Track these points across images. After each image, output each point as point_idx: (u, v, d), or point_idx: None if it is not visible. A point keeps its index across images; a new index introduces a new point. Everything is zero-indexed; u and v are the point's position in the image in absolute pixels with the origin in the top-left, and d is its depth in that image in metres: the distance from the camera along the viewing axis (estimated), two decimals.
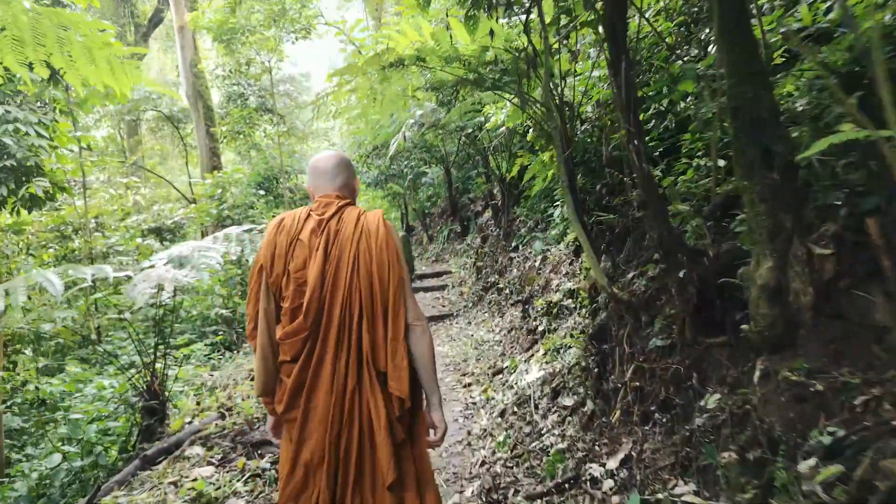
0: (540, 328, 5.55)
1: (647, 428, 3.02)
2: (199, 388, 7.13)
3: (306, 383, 1.94)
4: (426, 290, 11.74)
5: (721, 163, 3.75)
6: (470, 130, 8.40)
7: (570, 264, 5.78)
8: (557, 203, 7.07)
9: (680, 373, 2.85)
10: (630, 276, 3.52)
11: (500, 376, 5.51)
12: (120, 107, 16.49)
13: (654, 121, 4.92)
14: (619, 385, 3.35)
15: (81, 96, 9.19)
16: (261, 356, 2.03)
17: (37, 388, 7.45)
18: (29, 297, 5.99)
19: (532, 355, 5.28)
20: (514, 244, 8.29)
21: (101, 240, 10.58)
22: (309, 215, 2.06)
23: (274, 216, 15.99)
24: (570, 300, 5.32)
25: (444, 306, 10.39)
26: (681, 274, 2.63)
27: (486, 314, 8.35)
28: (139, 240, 9.87)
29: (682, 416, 2.81)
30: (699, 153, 4.11)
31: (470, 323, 8.87)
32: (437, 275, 12.74)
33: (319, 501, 1.86)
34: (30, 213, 8.08)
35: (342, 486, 1.88)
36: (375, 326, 1.94)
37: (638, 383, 3.18)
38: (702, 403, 2.65)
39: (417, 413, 2.04)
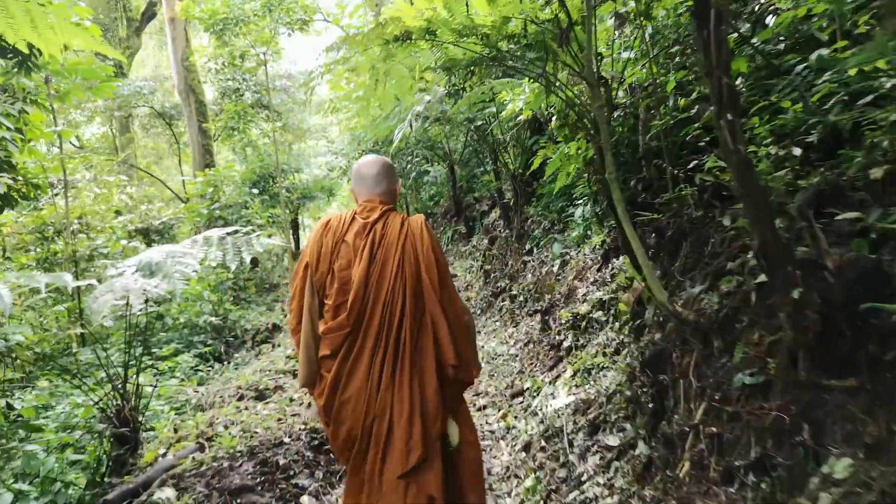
0: (565, 344, 4.87)
1: (732, 491, 2.34)
2: (182, 406, 6.44)
3: (343, 377, 2.07)
4: None
5: (797, 151, 3.08)
6: (480, 123, 7.72)
7: (598, 271, 5.11)
8: (579, 202, 6.39)
9: (783, 422, 2.16)
10: (696, 290, 2.84)
11: (521, 399, 4.83)
12: (110, 102, 15.81)
13: (696, 106, 4.24)
14: (687, 428, 2.66)
15: (62, 88, 8.51)
16: (304, 349, 2.15)
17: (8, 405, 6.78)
18: None
19: (558, 376, 4.60)
20: (527, 247, 7.61)
21: (86, 241, 9.90)
22: (354, 218, 2.17)
23: (270, 217, 15.32)
24: (600, 312, 4.65)
25: None
26: (795, 294, 1.93)
27: (498, 323, 7.67)
28: (124, 241, 9.19)
29: (790, 481, 2.11)
30: (766, 141, 3.44)
31: (480, 332, 8.18)
32: None
33: (351, 476, 2.09)
34: (0, 212, 7.42)
35: (370, 471, 2.03)
36: (428, 323, 2.05)
37: (714, 429, 2.50)
38: (824, 470, 1.95)
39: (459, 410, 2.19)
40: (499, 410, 4.83)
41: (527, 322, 6.61)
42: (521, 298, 7.11)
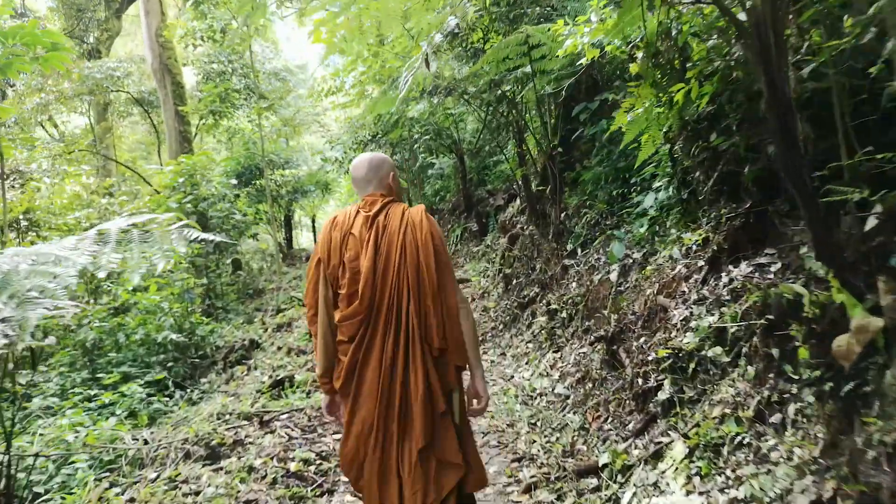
0: (661, 395, 3.20)
1: None
2: (117, 459, 4.78)
3: (359, 360, 2.17)
4: None
5: None
6: (506, 88, 6.04)
7: (704, 283, 3.44)
8: (655, 184, 4.74)
9: None
10: None
11: (594, 481, 3.17)
12: (79, 86, 14.16)
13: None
14: None
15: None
16: (322, 338, 2.27)
17: None
18: None
19: (658, 451, 2.94)
20: (570, 246, 5.94)
21: (37, 240, 8.25)
22: (358, 212, 2.29)
23: (257, 212, 13.65)
24: (718, 348, 2.98)
25: None
26: None
27: (530, 345, 6.01)
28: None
29: None
30: None
31: (504, 355, 6.52)
32: None
33: (368, 466, 2.14)
34: None
35: (389, 452, 2.12)
36: (425, 308, 2.14)
37: None
38: None
39: (460, 389, 2.25)
40: (557, 497, 3.17)
41: (576, 348, 4.94)
42: (564, 315, 5.44)
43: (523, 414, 4.53)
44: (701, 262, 3.52)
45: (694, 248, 3.69)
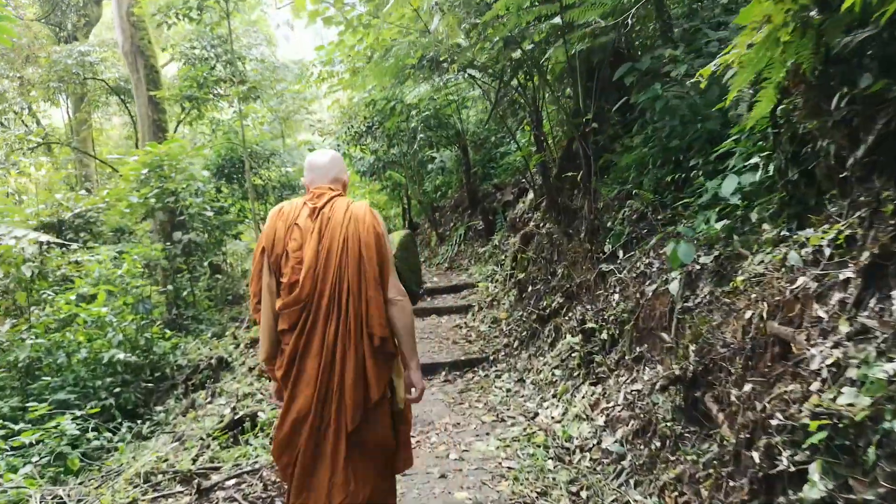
0: (810, 493, 1.97)
1: None
2: None
3: (300, 349, 2.17)
4: (440, 311, 8.17)
5: None
6: (529, 46, 4.76)
7: (856, 307, 2.21)
8: (732, 164, 3.55)
9: None
10: None
11: None
12: (45, 72, 12.92)
13: None
14: None
15: None
16: (265, 325, 2.27)
17: None
18: None
19: None
20: (608, 247, 4.71)
21: None
22: (304, 204, 2.33)
23: (241, 210, 12.43)
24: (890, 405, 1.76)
25: (469, 341, 6.82)
26: None
27: (557, 370, 4.78)
28: (13, 239, 6.25)
29: None
30: None
31: (523, 381, 5.30)
32: (455, 289, 9.16)
33: (302, 454, 2.16)
34: None
35: (324, 439, 2.15)
36: (366, 298, 2.18)
37: None
38: None
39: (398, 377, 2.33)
40: None
41: (626, 383, 3.72)
42: (605, 336, 4.21)
43: (559, 477, 3.30)
44: (847, 274, 2.30)
45: (828, 251, 2.46)
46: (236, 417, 4.35)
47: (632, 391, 3.58)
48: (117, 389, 6.04)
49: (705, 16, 4.59)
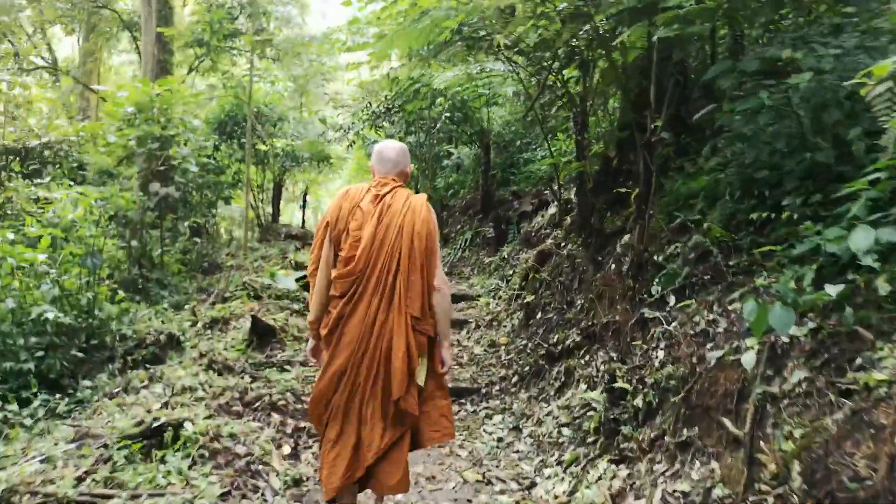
0: None
1: None
2: None
3: (346, 314, 2.47)
4: None
5: None
6: (600, 19, 3.77)
7: None
8: (837, 212, 2.63)
9: None
10: None
11: None
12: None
13: None
14: None
15: None
16: (318, 290, 2.58)
17: None
18: None
19: None
20: (655, 289, 3.76)
21: None
22: (369, 189, 2.60)
23: (236, 173, 11.48)
24: None
25: (460, 364, 5.86)
26: None
27: (566, 429, 3.83)
28: None
29: None
30: None
31: (518, 429, 4.36)
32: (452, 299, 8.17)
33: (339, 402, 2.46)
34: None
35: (358, 393, 2.45)
36: (409, 281, 2.46)
37: None
38: None
39: (435, 350, 2.61)
40: None
41: (666, 475, 2.78)
42: (640, 402, 3.27)
43: None
44: None
45: None
46: (155, 426, 3.41)
47: (675, 492, 2.64)
48: (40, 353, 5.09)
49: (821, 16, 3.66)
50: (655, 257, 3.94)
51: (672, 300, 3.58)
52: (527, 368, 5.16)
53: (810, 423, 2.18)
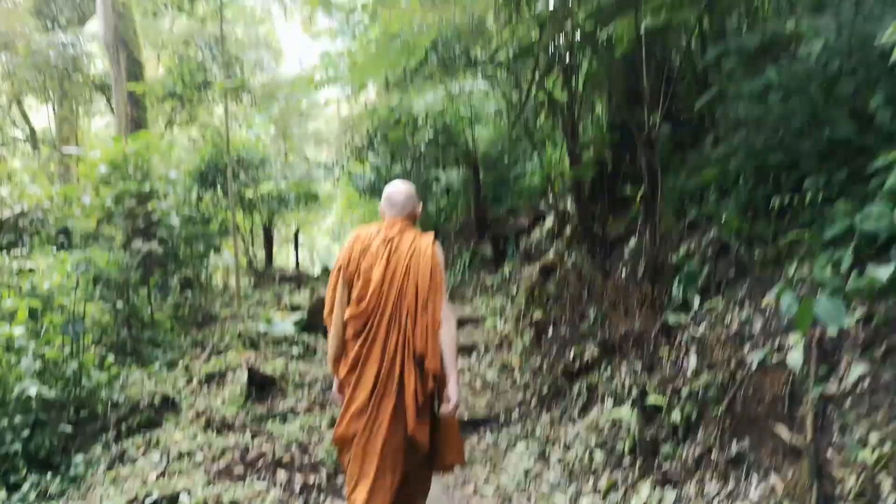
0: None
1: None
2: None
3: (363, 356, 2.56)
4: None
5: None
6: (583, 19, 3.57)
7: None
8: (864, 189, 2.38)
9: None
10: None
11: None
12: (18, 61, 11.86)
13: None
14: None
15: None
16: (335, 331, 2.68)
17: None
18: None
19: None
20: (677, 292, 3.49)
21: None
22: (379, 231, 2.71)
23: (222, 222, 11.21)
24: None
25: (474, 392, 5.55)
26: None
27: (599, 451, 3.52)
28: None
29: None
30: None
31: (545, 456, 4.04)
32: (458, 324, 7.89)
33: (356, 442, 2.54)
34: None
35: (377, 433, 2.51)
36: (417, 319, 2.56)
37: None
38: None
39: (443, 386, 2.64)
40: None
41: (721, 497, 2.48)
42: (677, 417, 2.97)
43: None
44: None
45: None
46: (150, 501, 3.09)
47: None
48: (27, 432, 4.76)
49: None
50: (670, 258, 3.68)
51: (696, 302, 3.32)
52: (545, 389, 4.86)
53: (887, 426, 1.90)
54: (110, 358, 5.99)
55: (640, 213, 4.18)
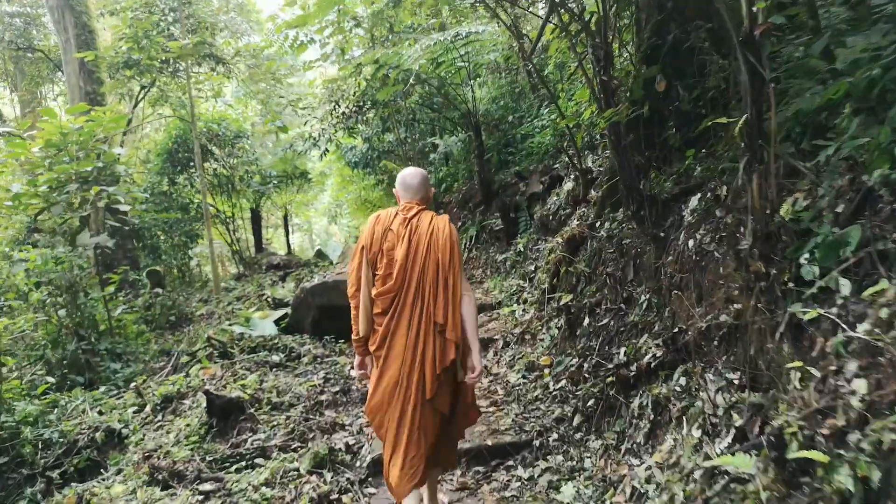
0: None
1: None
2: None
3: (391, 332, 2.72)
4: None
5: None
6: None
7: None
8: None
9: None
10: None
11: None
12: None
13: None
14: None
15: None
16: (363, 309, 2.81)
17: None
18: None
19: None
20: (809, 272, 2.29)
21: None
22: (397, 214, 2.85)
23: (198, 207, 9.91)
24: None
25: (496, 404, 4.40)
26: None
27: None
28: None
29: None
30: None
31: (604, 501, 2.93)
32: None
33: (389, 415, 2.70)
34: None
35: (408, 403, 2.67)
36: (439, 293, 2.70)
37: None
38: None
39: (465, 356, 2.79)
40: None
41: None
42: (852, 480, 1.81)
43: None
44: None
45: None
46: None
47: None
48: None
49: None
50: (783, 218, 2.48)
51: (845, 286, 2.13)
52: (590, 402, 3.72)
53: None
54: (47, 381, 4.90)
55: (697, 162, 2.96)
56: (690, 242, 3.49)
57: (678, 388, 3.09)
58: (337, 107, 11.70)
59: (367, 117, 12.47)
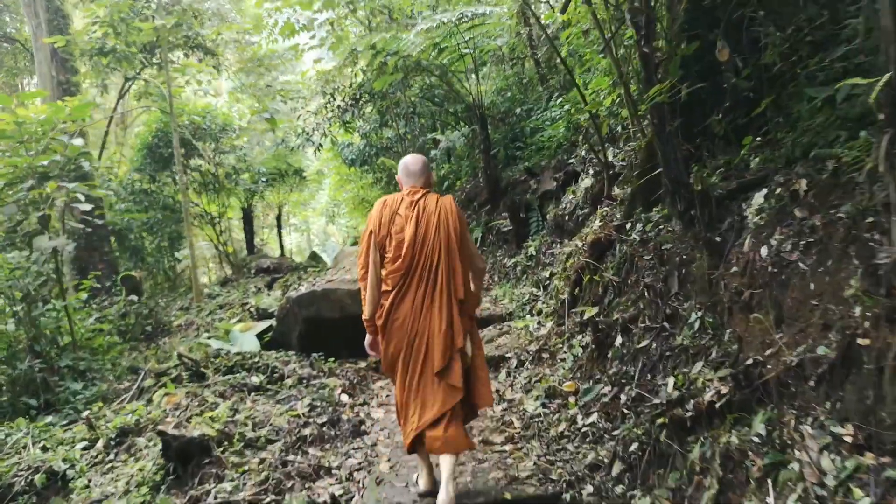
0: None
1: None
2: None
3: (396, 303, 2.92)
4: None
5: None
6: None
7: None
8: None
9: None
10: None
11: None
12: None
13: None
14: None
15: None
16: (370, 290, 2.97)
17: None
18: None
19: None
20: None
21: None
22: (403, 198, 3.00)
23: (173, 233, 9.05)
24: None
25: (512, 441, 3.68)
26: None
27: None
28: None
29: None
30: None
31: None
32: (478, 324, 6.02)
33: (400, 381, 2.95)
34: None
35: (412, 372, 2.90)
36: (454, 268, 2.90)
37: None
38: None
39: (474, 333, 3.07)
40: None
41: None
42: None
43: None
44: None
45: None
46: None
47: None
48: None
49: None
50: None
51: None
52: (633, 446, 3.01)
53: None
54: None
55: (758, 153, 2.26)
56: (763, 250, 2.78)
57: (756, 439, 2.39)
58: (332, 99, 11.02)
59: (364, 111, 11.80)
